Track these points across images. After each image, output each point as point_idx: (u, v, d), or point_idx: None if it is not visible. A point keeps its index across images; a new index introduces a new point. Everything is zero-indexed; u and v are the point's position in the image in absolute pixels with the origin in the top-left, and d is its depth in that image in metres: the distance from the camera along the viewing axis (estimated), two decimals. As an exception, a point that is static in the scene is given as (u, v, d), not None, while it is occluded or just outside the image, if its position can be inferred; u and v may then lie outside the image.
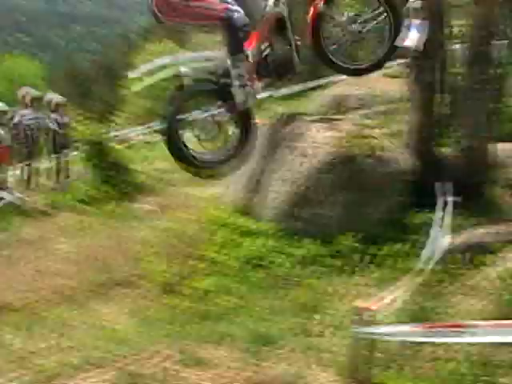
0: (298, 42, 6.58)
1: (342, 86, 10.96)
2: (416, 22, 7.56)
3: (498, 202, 7.46)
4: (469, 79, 7.42)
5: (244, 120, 6.80)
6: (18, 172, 12.87)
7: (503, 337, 3.91)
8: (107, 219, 9.69)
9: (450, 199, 6.81)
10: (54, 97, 14.14)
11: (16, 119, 12.83)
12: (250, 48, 7.17)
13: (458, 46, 8.17)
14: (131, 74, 7.70)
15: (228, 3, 6.84)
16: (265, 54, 7.15)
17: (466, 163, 7.44)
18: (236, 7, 6.69)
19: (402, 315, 5.04)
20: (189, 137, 6.35)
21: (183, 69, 6.63)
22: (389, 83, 11.08)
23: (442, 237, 6.36)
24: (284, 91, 11.63)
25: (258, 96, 7.33)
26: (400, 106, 9.22)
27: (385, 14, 6.04)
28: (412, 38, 7.52)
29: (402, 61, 8.42)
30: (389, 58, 6.06)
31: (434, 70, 7.58)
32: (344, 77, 9.33)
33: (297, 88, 12.12)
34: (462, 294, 5.44)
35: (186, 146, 6.40)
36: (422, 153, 7.59)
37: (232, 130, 7.06)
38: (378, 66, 6.06)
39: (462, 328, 3.93)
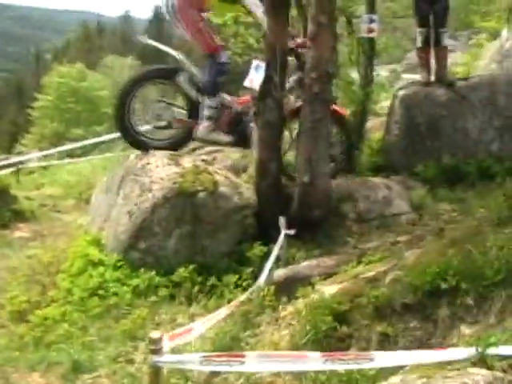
0: None
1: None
2: (259, 63, 8.09)
3: (336, 235, 7.92)
4: (307, 118, 7.86)
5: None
6: None
7: (269, 365, 4.33)
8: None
9: (283, 232, 7.26)
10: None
11: None
12: (239, 103, 7.88)
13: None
14: (142, 39, 8.33)
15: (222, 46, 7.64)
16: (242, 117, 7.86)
17: (305, 198, 7.88)
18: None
19: (205, 344, 5.40)
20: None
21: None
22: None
23: (271, 269, 6.77)
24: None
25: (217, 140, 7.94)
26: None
27: None
28: (251, 78, 8.03)
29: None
30: None
31: (273, 108, 7.97)
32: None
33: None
34: (269, 325, 5.82)
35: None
36: (265, 188, 8.00)
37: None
38: None
39: (234, 357, 4.32)
